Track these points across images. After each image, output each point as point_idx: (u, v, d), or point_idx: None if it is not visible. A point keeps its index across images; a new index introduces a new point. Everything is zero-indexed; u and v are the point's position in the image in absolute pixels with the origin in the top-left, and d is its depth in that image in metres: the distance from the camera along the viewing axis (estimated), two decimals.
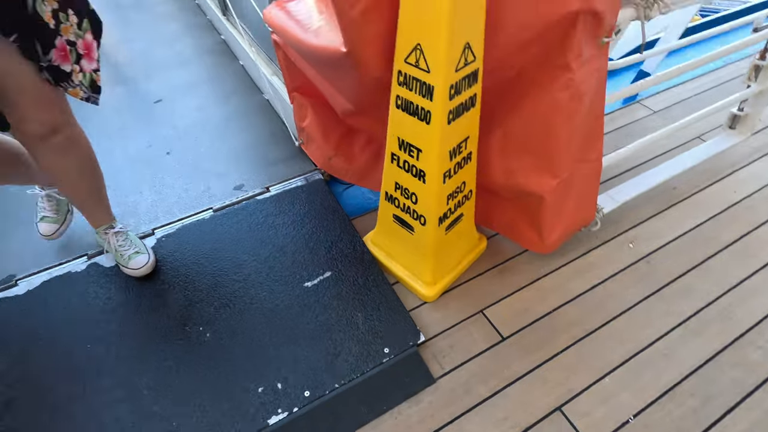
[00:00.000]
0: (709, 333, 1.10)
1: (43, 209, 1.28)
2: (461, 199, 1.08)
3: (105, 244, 1.22)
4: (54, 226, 1.27)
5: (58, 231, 1.28)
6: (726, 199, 1.44)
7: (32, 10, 0.74)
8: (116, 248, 1.20)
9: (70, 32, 0.82)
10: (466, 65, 0.81)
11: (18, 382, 1.02)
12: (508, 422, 0.96)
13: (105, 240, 1.21)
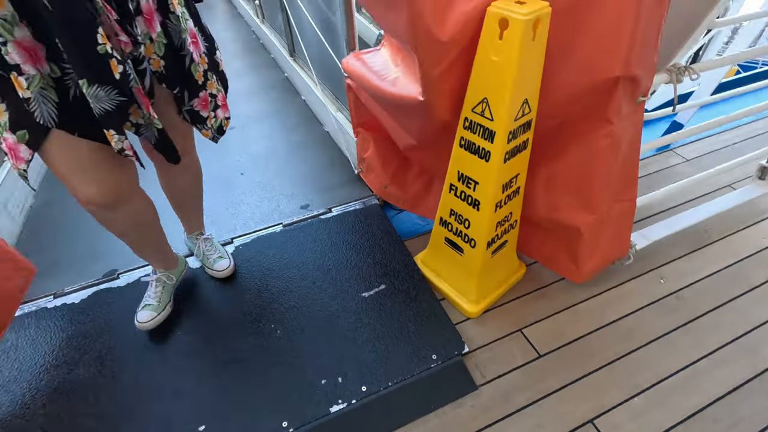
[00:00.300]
0: (735, 365, 1.18)
1: (149, 296, 1.26)
2: (507, 227, 1.23)
3: (194, 248, 1.42)
4: (152, 314, 1.23)
5: (155, 320, 1.22)
6: (755, 244, 1.53)
7: (188, 71, 0.97)
8: (204, 252, 1.40)
9: (214, 87, 1.05)
10: (523, 116, 0.98)
11: (107, 353, 1.21)
12: (542, 430, 1.07)
13: (195, 244, 1.41)
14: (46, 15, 0.73)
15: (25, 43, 0.75)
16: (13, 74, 0.76)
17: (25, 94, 0.78)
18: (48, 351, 1.23)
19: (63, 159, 0.87)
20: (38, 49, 0.77)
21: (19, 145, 0.82)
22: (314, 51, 2.06)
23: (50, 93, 0.81)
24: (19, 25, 0.74)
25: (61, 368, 1.19)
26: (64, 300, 1.35)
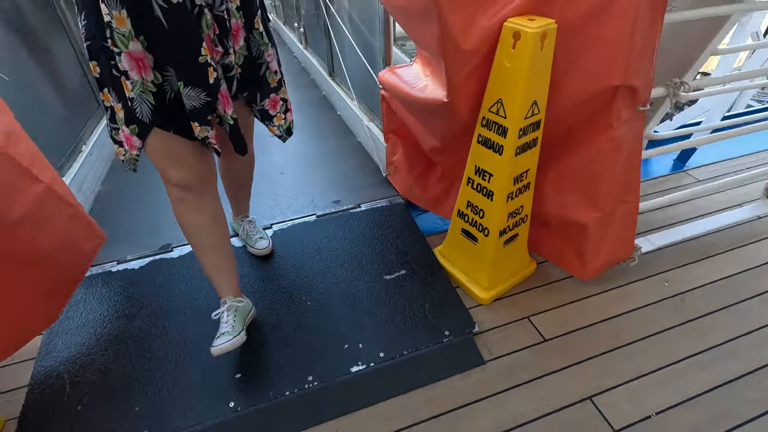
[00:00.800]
0: (733, 361, 1.25)
1: (224, 324, 1.18)
2: (518, 220, 1.37)
3: (239, 229, 1.61)
4: (229, 337, 1.13)
5: (232, 341, 1.12)
6: (761, 256, 1.60)
7: (262, 76, 1.17)
8: (247, 232, 1.58)
9: (286, 93, 1.25)
10: (533, 116, 1.14)
11: (160, 310, 1.38)
12: (544, 401, 1.16)
13: (240, 225, 1.60)
14: (160, 31, 0.89)
15: (135, 54, 0.91)
16: (123, 78, 0.93)
17: (129, 95, 0.95)
18: (111, 306, 1.42)
19: (159, 149, 1.04)
20: (146, 59, 0.93)
21: (132, 137, 1.01)
22: (352, 69, 2.30)
23: (148, 96, 0.97)
24: (133, 39, 0.90)
25: (120, 320, 1.37)
26: (125, 266, 1.56)
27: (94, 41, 0.92)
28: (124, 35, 0.88)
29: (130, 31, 0.88)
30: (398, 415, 1.14)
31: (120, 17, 0.86)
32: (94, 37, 0.92)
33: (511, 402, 1.17)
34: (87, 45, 0.94)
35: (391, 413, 1.15)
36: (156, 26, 0.88)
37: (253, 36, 1.11)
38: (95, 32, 0.91)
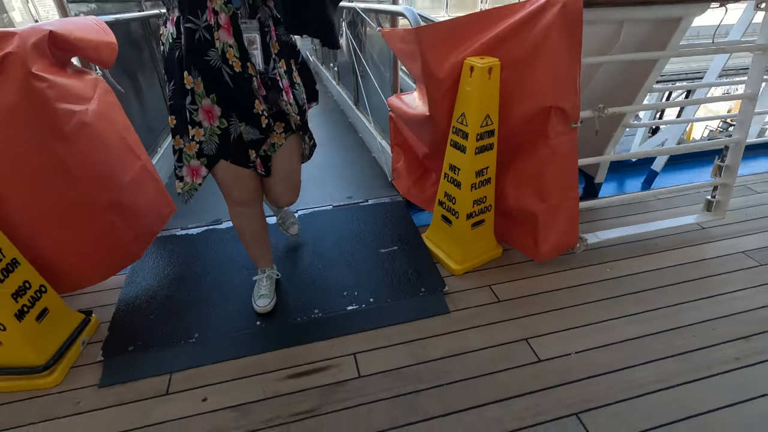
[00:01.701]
0: (650, 324, 1.57)
1: (262, 287, 1.62)
2: (483, 208, 1.77)
3: (278, 213, 2.06)
4: (268, 300, 1.60)
5: (271, 304, 1.60)
6: (694, 255, 1.91)
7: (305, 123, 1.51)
8: (284, 217, 2.02)
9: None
10: (487, 126, 1.58)
11: (211, 264, 1.85)
12: (489, 338, 1.52)
13: (279, 211, 2.06)
14: (227, 91, 1.15)
15: (206, 107, 1.17)
16: (196, 128, 1.21)
17: (200, 139, 1.23)
18: (175, 257, 1.91)
19: (223, 175, 1.35)
20: (214, 110, 1.18)
21: (201, 167, 1.29)
22: (371, 98, 2.83)
23: (214, 138, 1.24)
24: (205, 97, 1.16)
25: (182, 267, 1.85)
26: (187, 231, 2.05)
27: (175, 100, 1.19)
28: (200, 95, 1.16)
29: (203, 91, 1.16)
30: (378, 339, 1.53)
31: (198, 83, 1.14)
32: (176, 98, 1.18)
33: (463, 337, 1.54)
34: (170, 103, 1.22)
35: (373, 338, 1.54)
36: (225, 87, 1.16)
37: (295, 90, 1.35)
38: (177, 94, 1.17)
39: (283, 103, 1.27)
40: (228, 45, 1.10)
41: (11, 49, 1.22)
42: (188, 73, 1.12)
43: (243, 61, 1.13)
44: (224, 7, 1.06)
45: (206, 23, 1.06)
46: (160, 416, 1.29)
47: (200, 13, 1.05)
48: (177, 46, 1.11)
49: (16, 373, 1.35)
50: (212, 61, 1.11)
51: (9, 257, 1.30)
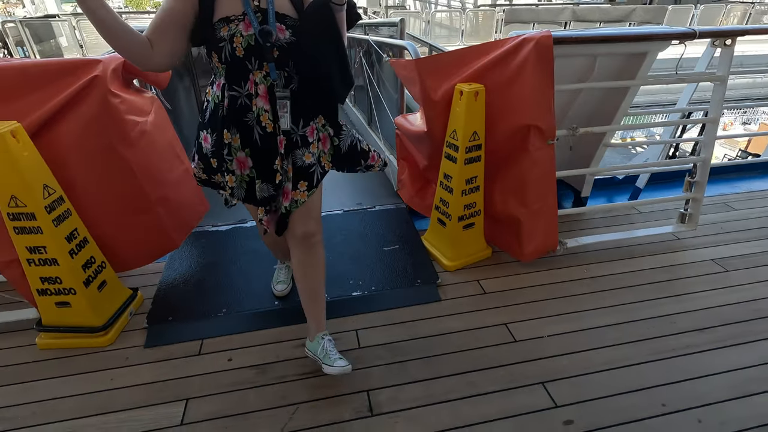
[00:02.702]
0: (617, 315, 1.78)
1: (280, 275, 1.91)
2: (473, 212, 2.03)
3: (318, 348, 1.98)
4: (285, 285, 1.89)
5: (287, 288, 1.88)
6: (667, 261, 2.12)
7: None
8: (326, 351, 1.85)
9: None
10: (474, 140, 1.86)
11: (238, 254, 2.14)
12: (472, 322, 1.76)
13: (320, 345, 1.94)
14: (255, 147, 1.25)
15: (240, 158, 1.27)
16: (230, 175, 1.30)
17: (232, 185, 1.31)
18: (208, 249, 2.21)
19: (250, 210, 1.48)
20: (246, 162, 1.28)
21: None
22: (381, 118, 3.15)
23: (242, 185, 1.32)
24: (241, 150, 1.26)
25: (213, 256, 2.15)
26: (217, 228, 2.37)
27: (216, 148, 1.28)
28: (236, 148, 1.27)
29: (239, 146, 1.26)
30: (377, 319, 1.79)
31: (235, 138, 1.25)
32: (217, 146, 1.28)
33: (451, 320, 1.78)
34: (213, 149, 1.29)
35: (373, 318, 1.79)
36: (254, 145, 1.26)
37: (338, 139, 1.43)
38: (218, 145, 1.28)
39: (309, 156, 1.33)
40: (263, 110, 1.23)
41: (97, 73, 1.57)
42: (227, 131, 1.24)
43: (275, 122, 1.25)
44: (264, 80, 1.21)
45: (247, 92, 1.22)
46: (194, 371, 1.56)
47: (243, 83, 1.21)
48: (220, 106, 1.24)
49: (80, 331, 1.65)
50: (249, 122, 1.24)
51: (81, 236, 1.62)
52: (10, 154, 1.36)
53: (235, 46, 1.16)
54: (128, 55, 1.16)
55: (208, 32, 1.17)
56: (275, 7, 1.19)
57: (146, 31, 1.16)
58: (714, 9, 13.94)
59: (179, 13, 1.16)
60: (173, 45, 1.19)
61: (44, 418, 1.41)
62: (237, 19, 1.16)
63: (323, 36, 1.20)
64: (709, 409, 1.40)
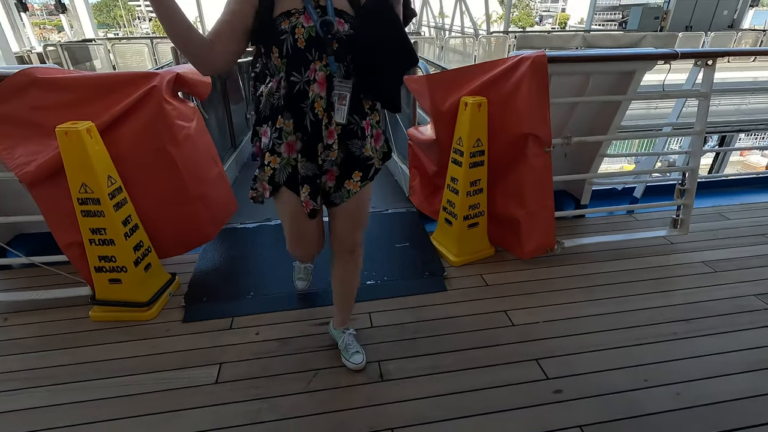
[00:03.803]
0: (608, 306, 1.95)
1: (300, 272, 2.01)
2: (477, 212, 2.24)
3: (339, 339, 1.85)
4: (305, 283, 2.02)
5: (307, 285, 2.03)
6: (657, 262, 2.28)
7: None
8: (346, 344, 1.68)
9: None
10: (478, 146, 2.08)
11: (262, 248, 2.37)
12: (475, 309, 1.94)
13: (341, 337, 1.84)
14: (306, 132, 1.27)
15: (290, 141, 1.28)
16: (275, 156, 1.30)
17: (275, 166, 1.31)
18: (235, 244, 2.45)
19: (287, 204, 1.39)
20: (296, 145, 1.29)
21: (268, 189, 1.37)
22: (396, 131, 3.41)
23: (287, 168, 1.32)
24: (292, 134, 1.27)
25: (241, 249, 2.39)
26: (245, 226, 2.61)
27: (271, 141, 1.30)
28: (288, 132, 1.28)
29: (291, 129, 1.28)
30: (388, 304, 1.98)
31: (288, 123, 1.27)
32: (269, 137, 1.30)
33: (455, 307, 1.96)
34: (267, 142, 1.32)
35: (385, 303, 1.99)
36: (305, 130, 1.28)
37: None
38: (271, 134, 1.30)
39: (368, 149, 1.36)
40: (318, 96, 1.24)
41: (155, 83, 1.85)
42: (281, 116, 1.27)
43: (326, 111, 1.26)
44: (324, 68, 1.23)
45: (306, 78, 1.23)
46: (226, 342, 1.77)
47: (304, 70, 1.23)
48: (275, 95, 1.27)
49: (128, 306, 1.88)
50: (304, 108, 1.26)
51: (134, 222, 1.88)
52: (84, 148, 1.63)
53: (297, 37, 1.19)
54: (191, 57, 1.19)
55: (269, 28, 1.20)
56: (333, 3, 1.23)
57: (209, 34, 1.21)
58: (725, 36, 14.15)
59: (241, 13, 1.20)
60: (234, 46, 1.23)
61: (99, 374, 1.63)
62: (297, 12, 1.19)
63: (382, 28, 1.22)
64: (687, 385, 1.54)
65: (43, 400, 1.52)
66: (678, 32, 13.75)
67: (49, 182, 1.76)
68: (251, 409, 1.47)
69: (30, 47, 10.32)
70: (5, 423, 1.44)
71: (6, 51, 8.26)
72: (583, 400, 1.49)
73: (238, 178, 3.57)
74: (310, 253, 1.56)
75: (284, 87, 1.24)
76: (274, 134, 1.30)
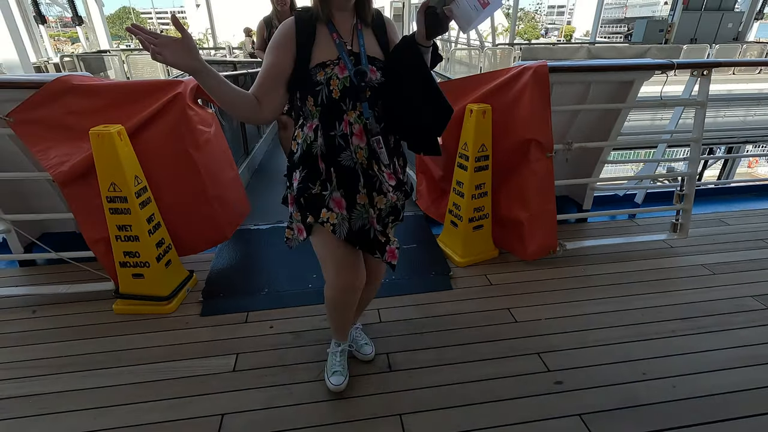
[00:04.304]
0: (608, 305, 2.02)
1: (336, 363, 1.59)
2: (482, 215, 2.33)
3: None
4: (342, 378, 1.55)
5: (345, 382, 1.55)
6: (660, 264, 2.35)
7: None
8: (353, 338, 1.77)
9: None
10: (482, 151, 2.18)
11: (277, 248, 2.47)
12: (480, 306, 2.02)
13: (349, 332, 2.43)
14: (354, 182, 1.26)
15: (336, 198, 1.28)
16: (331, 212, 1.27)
17: (334, 222, 1.27)
18: (249, 244, 2.56)
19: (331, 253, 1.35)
20: (342, 203, 1.28)
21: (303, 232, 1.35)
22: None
23: (345, 223, 1.29)
24: (336, 190, 1.27)
25: (254, 248, 2.49)
26: (258, 227, 2.72)
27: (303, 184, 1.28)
28: (334, 187, 1.28)
29: (335, 185, 1.27)
30: (396, 301, 2.06)
31: (332, 177, 1.26)
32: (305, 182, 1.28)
33: (460, 304, 2.04)
34: (299, 186, 1.28)
35: (393, 300, 2.07)
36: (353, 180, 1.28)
37: None
38: (307, 180, 1.27)
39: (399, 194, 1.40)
40: (359, 147, 1.26)
41: (180, 90, 1.98)
42: (325, 166, 1.27)
43: (369, 159, 1.28)
44: (358, 120, 1.24)
45: (342, 132, 1.24)
46: (242, 334, 1.87)
47: (338, 124, 1.24)
48: (315, 145, 1.26)
49: (150, 299, 1.98)
50: (343, 161, 1.27)
51: (157, 220, 1.99)
52: (115, 149, 1.75)
53: (332, 88, 1.20)
54: (242, 116, 1.23)
55: (305, 78, 1.21)
56: (366, 50, 1.24)
57: (253, 89, 1.22)
58: (730, 48, 14.25)
59: (282, 65, 1.22)
60: (279, 97, 1.25)
61: (122, 361, 1.72)
62: (332, 63, 1.21)
63: (412, 76, 1.23)
64: (683, 379, 1.61)
65: (69, 384, 1.62)
66: (683, 45, 13.88)
67: (80, 182, 1.88)
68: (267, 395, 1.55)
69: (47, 58, 10.64)
70: (35, 405, 1.54)
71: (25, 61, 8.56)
72: (582, 390, 1.56)
73: (250, 183, 3.70)
74: (358, 278, 1.43)
75: (321, 138, 1.25)
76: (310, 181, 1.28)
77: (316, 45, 1.22)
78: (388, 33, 1.32)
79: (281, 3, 3.23)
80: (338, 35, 1.23)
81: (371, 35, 1.29)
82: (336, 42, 1.22)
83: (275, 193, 3.35)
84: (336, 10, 1.24)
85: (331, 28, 1.23)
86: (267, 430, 1.42)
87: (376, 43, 1.29)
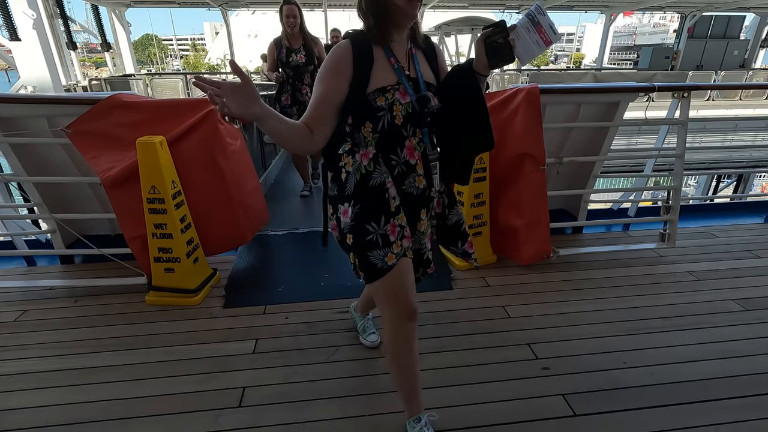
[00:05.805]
0: (597, 304, 2.19)
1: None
2: (481, 222, 2.53)
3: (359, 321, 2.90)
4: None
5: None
6: (648, 271, 2.51)
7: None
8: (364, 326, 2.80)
9: None
10: (480, 164, 2.40)
11: (294, 252, 2.69)
12: (477, 304, 2.20)
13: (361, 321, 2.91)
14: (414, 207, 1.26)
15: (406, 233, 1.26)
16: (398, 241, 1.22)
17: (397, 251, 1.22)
18: (267, 248, 2.79)
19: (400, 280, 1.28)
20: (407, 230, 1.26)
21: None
22: None
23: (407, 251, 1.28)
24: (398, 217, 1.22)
25: (271, 252, 2.72)
26: (275, 233, 2.96)
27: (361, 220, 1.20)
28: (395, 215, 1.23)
29: (398, 207, 1.23)
30: None
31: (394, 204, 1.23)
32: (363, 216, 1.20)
33: (458, 302, 2.23)
34: (352, 224, 1.21)
35: None
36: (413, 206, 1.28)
37: None
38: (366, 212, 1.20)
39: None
40: (419, 174, 1.25)
41: (211, 107, 2.25)
42: (393, 199, 1.22)
43: (428, 184, 1.28)
44: (418, 146, 1.23)
45: (404, 159, 1.22)
46: (260, 323, 2.07)
47: (399, 150, 1.21)
48: (374, 176, 1.21)
49: (180, 292, 2.20)
50: (407, 189, 1.25)
51: (188, 220, 2.23)
52: (157, 157, 2.02)
53: (395, 114, 1.18)
54: (294, 149, 1.22)
55: (363, 103, 1.16)
56: (423, 76, 1.23)
57: (305, 118, 1.17)
58: (736, 74, 14.49)
59: (338, 90, 1.17)
60: (331, 124, 1.20)
61: (153, 343, 1.93)
62: (392, 88, 1.17)
63: (466, 104, 1.25)
64: (661, 367, 1.76)
65: (109, 360, 1.83)
66: (688, 71, 14.17)
67: (124, 186, 2.15)
68: (284, 372, 1.75)
69: (76, 81, 11.30)
70: (77, 378, 1.74)
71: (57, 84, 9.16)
72: (567, 375, 1.72)
73: (267, 194, 3.93)
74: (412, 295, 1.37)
75: (382, 165, 1.21)
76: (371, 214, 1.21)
77: (374, 69, 1.17)
78: (438, 58, 1.31)
79: (291, 26, 3.34)
80: (396, 59, 1.20)
81: (424, 60, 1.27)
82: (394, 66, 1.20)
83: (290, 204, 3.64)
84: (396, 32, 1.20)
85: (388, 53, 1.20)
86: (284, 400, 1.61)
87: (429, 68, 1.27)
